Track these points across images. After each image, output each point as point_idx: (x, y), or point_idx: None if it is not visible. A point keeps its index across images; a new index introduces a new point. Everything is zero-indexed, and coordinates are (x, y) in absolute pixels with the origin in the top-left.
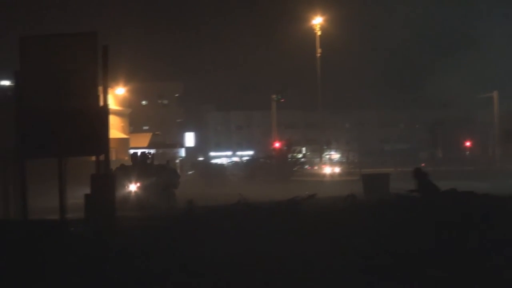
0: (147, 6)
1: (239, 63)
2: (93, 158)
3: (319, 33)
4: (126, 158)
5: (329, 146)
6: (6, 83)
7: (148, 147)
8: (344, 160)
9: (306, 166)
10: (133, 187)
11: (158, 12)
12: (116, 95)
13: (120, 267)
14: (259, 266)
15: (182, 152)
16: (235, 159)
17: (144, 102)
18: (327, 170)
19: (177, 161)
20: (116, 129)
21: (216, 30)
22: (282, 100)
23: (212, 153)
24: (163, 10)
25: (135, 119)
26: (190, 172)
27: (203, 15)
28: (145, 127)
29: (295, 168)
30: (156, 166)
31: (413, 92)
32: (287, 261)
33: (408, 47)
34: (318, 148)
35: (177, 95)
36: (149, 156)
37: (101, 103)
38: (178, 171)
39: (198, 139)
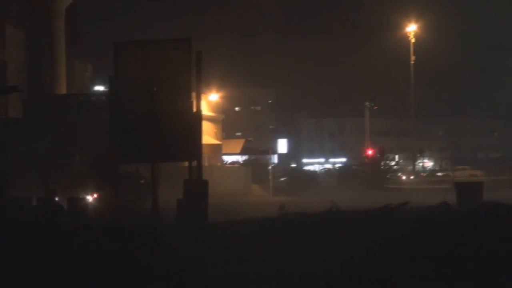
0: (241, 13)
1: (332, 70)
2: (186, 163)
3: (413, 40)
4: (219, 164)
5: (422, 154)
6: (100, 88)
7: (241, 153)
8: (437, 168)
9: (399, 174)
10: None
11: (252, 19)
12: (209, 101)
13: (210, 272)
14: (352, 274)
15: (275, 159)
16: (328, 166)
17: (237, 108)
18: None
19: (270, 167)
20: (209, 135)
21: (310, 37)
22: (375, 108)
23: (305, 160)
24: (257, 17)
25: (228, 125)
26: (282, 179)
27: (296, 23)
28: (238, 133)
29: (388, 176)
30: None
31: (510, 100)
32: (380, 268)
33: (504, 53)
34: (411, 156)
35: (270, 101)
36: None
37: (194, 109)
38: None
39: (290, 145)
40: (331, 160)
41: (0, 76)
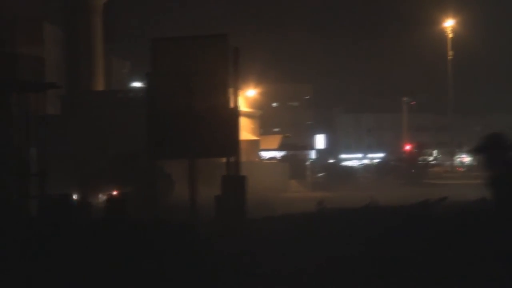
0: (279, 9)
1: (370, 65)
2: (221, 159)
3: (450, 35)
4: (257, 159)
5: (460, 149)
6: (138, 85)
7: (279, 149)
8: (476, 163)
9: (437, 169)
10: None
11: (289, 14)
12: (247, 97)
13: (249, 267)
14: (395, 270)
15: (313, 154)
16: (366, 161)
17: (274, 104)
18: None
19: (307, 163)
20: (246, 131)
21: (347, 33)
22: (413, 103)
23: (342, 155)
24: (294, 13)
25: (266, 121)
26: (320, 174)
27: (333, 18)
28: (276, 129)
29: (426, 171)
30: None
31: None
32: (421, 265)
33: None
34: (449, 151)
35: (307, 97)
36: None
37: (232, 105)
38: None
39: (328, 141)
40: (369, 155)
41: (38, 72)
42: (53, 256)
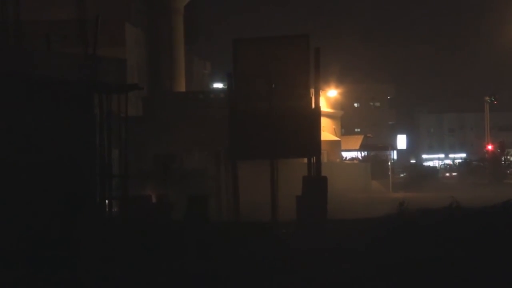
0: (362, 9)
1: (452, 65)
2: (305, 160)
3: None
4: (338, 160)
5: None
6: (219, 85)
7: (360, 149)
8: None
9: None
10: None
11: (371, 14)
12: (328, 97)
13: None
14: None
15: (394, 155)
16: (448, 161)
17: (356, 104)
18: None
19: (389, 163)
20: (327, 131)
21: (429, 33)
22: (495, 102)
23: (424, 156)
24: (375, 13)
25: (347, 122)
26: (402, 175)
27: (414, 17)
28: (357, 129)
29: (509, 171)
30: None
31: None
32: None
33: None
34: None
35: (389, 97)
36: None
37: (313, 105)
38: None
39: (410, 141)
40: (451, 155)
41: (120, 74)
42: (138, 257)
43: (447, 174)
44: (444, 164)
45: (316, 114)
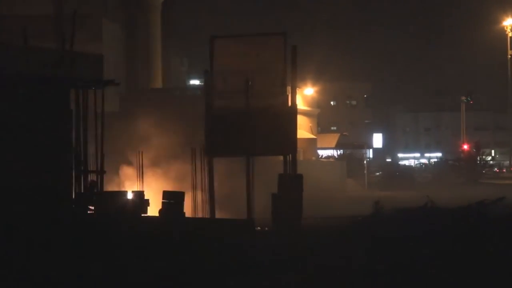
0: (336, 7)
1: (428, 64)
2: (281, 158)
3: (510, 34)
4: (314, 158)
5: None
6: (196, 82)
7: (336, 147)
8: None
9: (495, 169)
10: None
11: (346, 12)
12: (305, 95)
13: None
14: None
15: (370, 153)
16: (424, 161)
17: (332, 103)
18: None
19: (365, 161)
20: (304, 129)
21: (405, 32)
22: (471, 102)
23: (400, 155)
24: (352, 11)
25: (323, 120)
26: (377, 173)
27: (392, 17)
28: (333, 128)
29: (484, 171)
30: None
31: None
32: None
33: None
34: (508, 151)
35: (365, 95)
36: None
37: (290, 103)
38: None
39: (386, 140)
40: (427, 154)
41: (96, 70)
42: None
43: (423, 173)
44: (420, 163)
45: (293, 112)
